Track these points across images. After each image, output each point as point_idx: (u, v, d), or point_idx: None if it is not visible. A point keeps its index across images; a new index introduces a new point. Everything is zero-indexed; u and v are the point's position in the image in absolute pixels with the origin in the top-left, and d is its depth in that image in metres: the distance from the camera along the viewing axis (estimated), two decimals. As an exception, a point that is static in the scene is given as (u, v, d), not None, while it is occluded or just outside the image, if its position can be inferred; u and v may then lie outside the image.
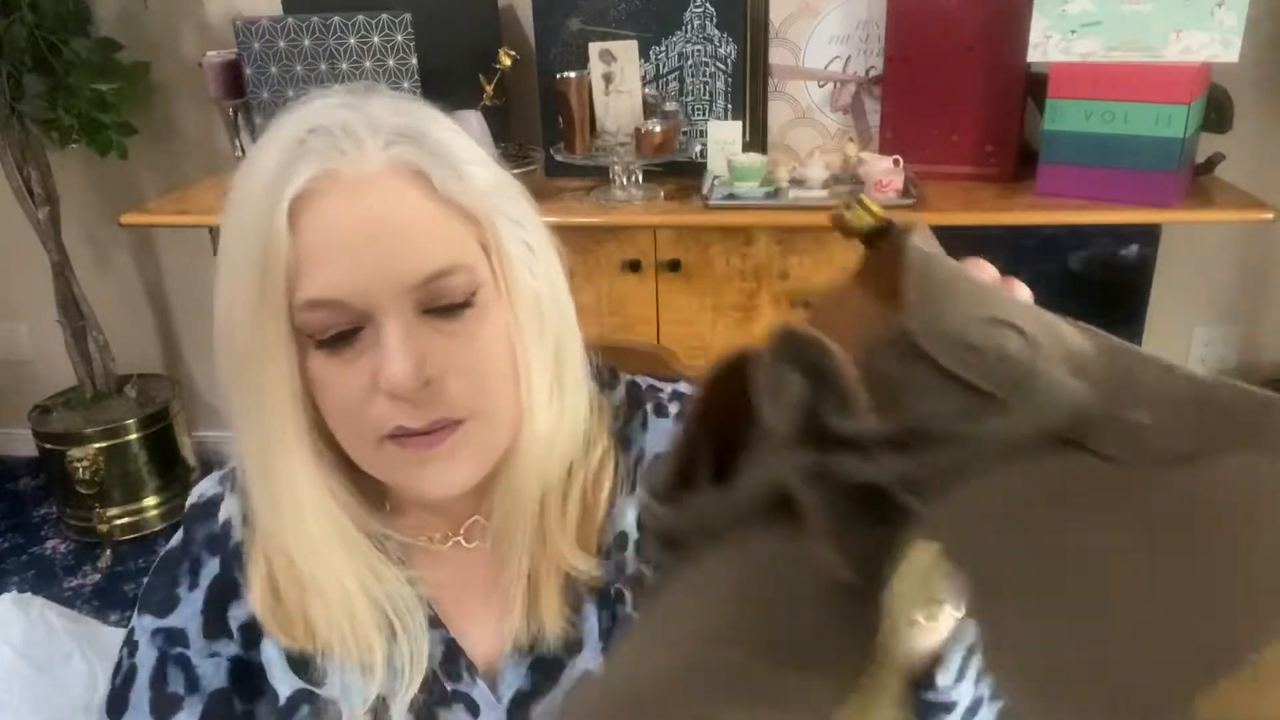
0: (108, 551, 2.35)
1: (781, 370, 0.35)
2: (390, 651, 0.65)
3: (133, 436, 2.38)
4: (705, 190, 1.78)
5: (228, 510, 0.71)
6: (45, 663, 1.71)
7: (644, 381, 0.76)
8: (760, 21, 1.91)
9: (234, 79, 1.83)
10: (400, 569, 0.67)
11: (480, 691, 0.68)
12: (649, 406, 0.73)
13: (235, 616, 0.70)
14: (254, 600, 0.67)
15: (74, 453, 2.31)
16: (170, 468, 2.47)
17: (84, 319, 2.40)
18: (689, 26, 1.89)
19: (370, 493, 0.67)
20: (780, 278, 1.80)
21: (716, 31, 1.88)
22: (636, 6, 1.88)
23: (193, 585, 0.70)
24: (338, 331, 0.58)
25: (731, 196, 1.76)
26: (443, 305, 0.59)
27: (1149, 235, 1.73)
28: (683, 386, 0.75)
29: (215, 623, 0.70)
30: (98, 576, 2.30)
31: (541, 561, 0.67)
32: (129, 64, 2.25)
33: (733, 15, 1.87)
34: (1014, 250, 1.79)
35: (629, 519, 0.70)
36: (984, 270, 0.44)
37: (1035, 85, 1.78)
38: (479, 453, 0.62)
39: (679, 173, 1.89)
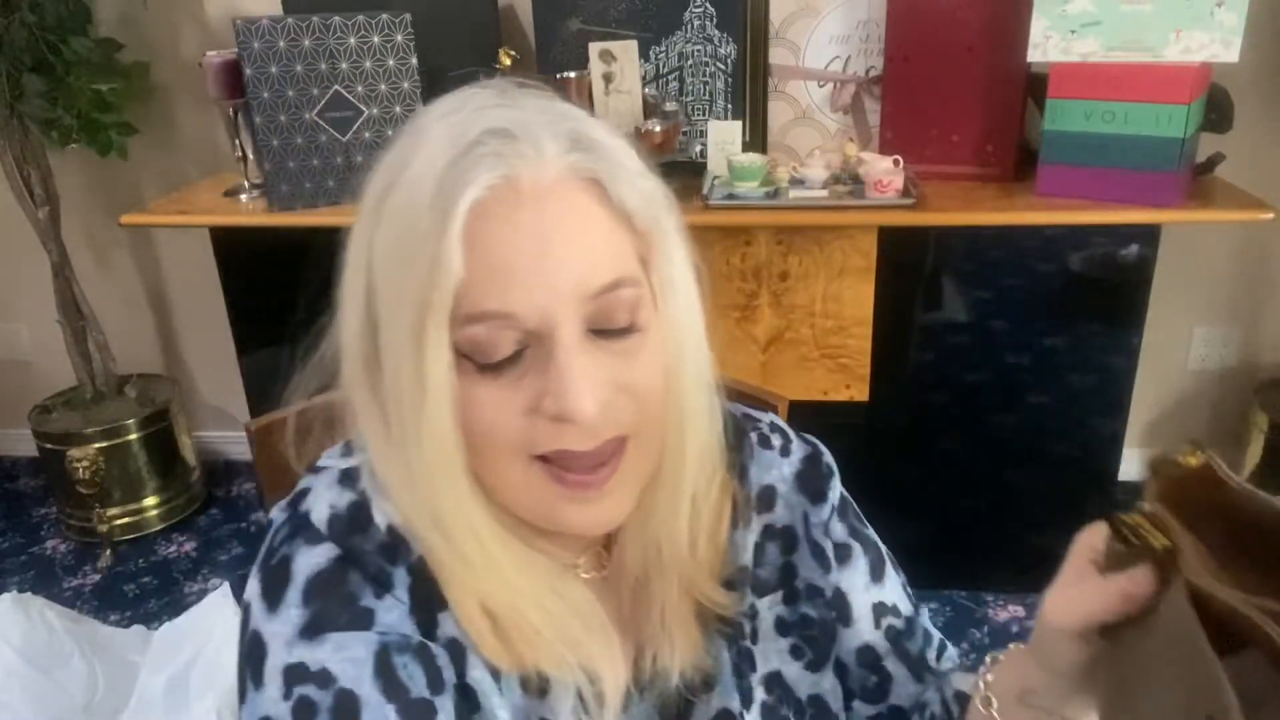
0: (108, 551, 2.35)
1: None
2: (606, 655, 0.63)
3: (133, 436, 2.38)
4: (705, 190, 1.78)
5: (385, 515, 0.61)
6: (45, 663, 1.71)
7: (735, 407, 0.72)
8: (760, 21, 1.91)
9: (234, 79, 1.83)
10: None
11: None
12: (754, 436, 0.72)
13: (443, 630, 0.61)
14: (469, 627, 0.60)
15: (74, 453, 2.31)
16: (170, 468, 2.47)
17: (84, 319, 2.40)
18: (689, 26, 1.89)
19: None
20: (780, 278, 1.80)
21: (716, 31, 1.88)
22: (636, 6, 1.88)
23: (381, 593, 0.59)
24: (503, 355, 0.54)
25: (731, 196, 1.76)
26: (611, 326, 0.55)
27: (1149, 235, 1.73)
28: (776, 419, 0.74)
29: (427, 629, 0.60)
30: (98, 576, 2.30)
31: (673, 594, 0.64)
32: (129, 64, 2.25)
33: (733, 15, 1.87)
34: (1014, 250, 1.79)
35: (749, 553, 0.69)
36: None
37: (1035, 85, 1.78)
38: (633, 483, 0.60)
39: (679, 173, 1.88)
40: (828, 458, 0.73)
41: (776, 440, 0.72)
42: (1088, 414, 1.87)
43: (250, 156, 1.95)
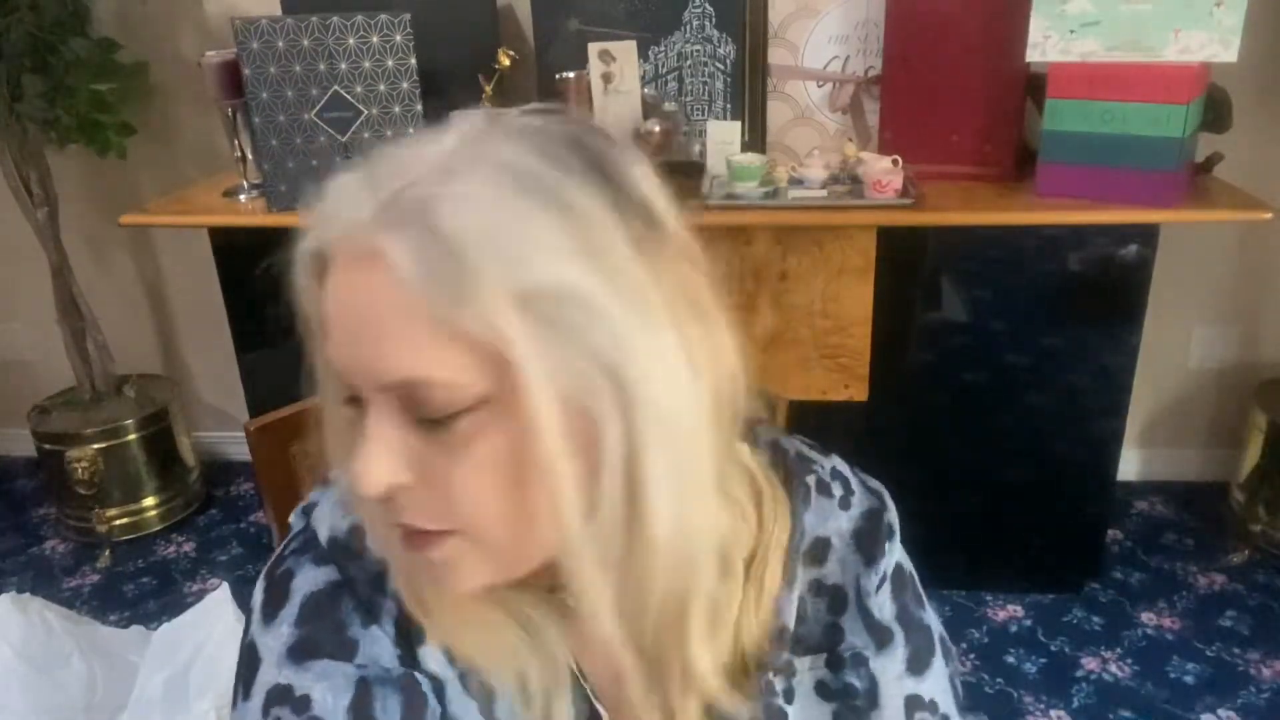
0: (107, 552, 2.35)
1: None
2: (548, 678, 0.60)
3: (131, 437, 2.38)
4: (704, 190, 1.78)
5: (375, 546, 0.60)
6: (44, 663, 1.71)
7: (791, 445, 0.68)
8: (759, 21, 1.91)
9: (233, 79, 1.83)
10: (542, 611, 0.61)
11: None
12: (811, 481, 0.66)
13: (425, 664, 0.60)
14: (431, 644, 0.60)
15: (73, 453, 2.31)
16: (169, 468, 2.46)
17: (83, 319, 2.40)
18: (688, 27, 1.89)
19: None
20: (779, 278, 1.80)
21: (715, 31, 1.88)
22: (636, 6, 1.88)
23: (368, 622, 0.59)
24: (349, 395, 0.53)
25: (731, 196, 1.76)
26: (422, 416, 0.50)
27: (1148, 235, 1.73)
28: (839, 464, 0.69)
29: (410, 660, 0.60)
30: (97, 577, 2.30)
31: (671, 681, 0.60)
32: (128, 64, 2.25)
33: (732, 15, 1.87)
34: (1014, 250, 1.79)
35: (790, 612, 0.64)
36: None
37: (1034, 85, 1.78)
38: (480, 566, 0.54)
39: (678, 173, 1.88)
40: (890, 515, 0.67)
41: (837, 489, 0.67)
42: (1087, 414, 1.88)
43: (249, 157, 1.95)
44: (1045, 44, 1.64)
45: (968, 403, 1.90)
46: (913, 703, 0.66)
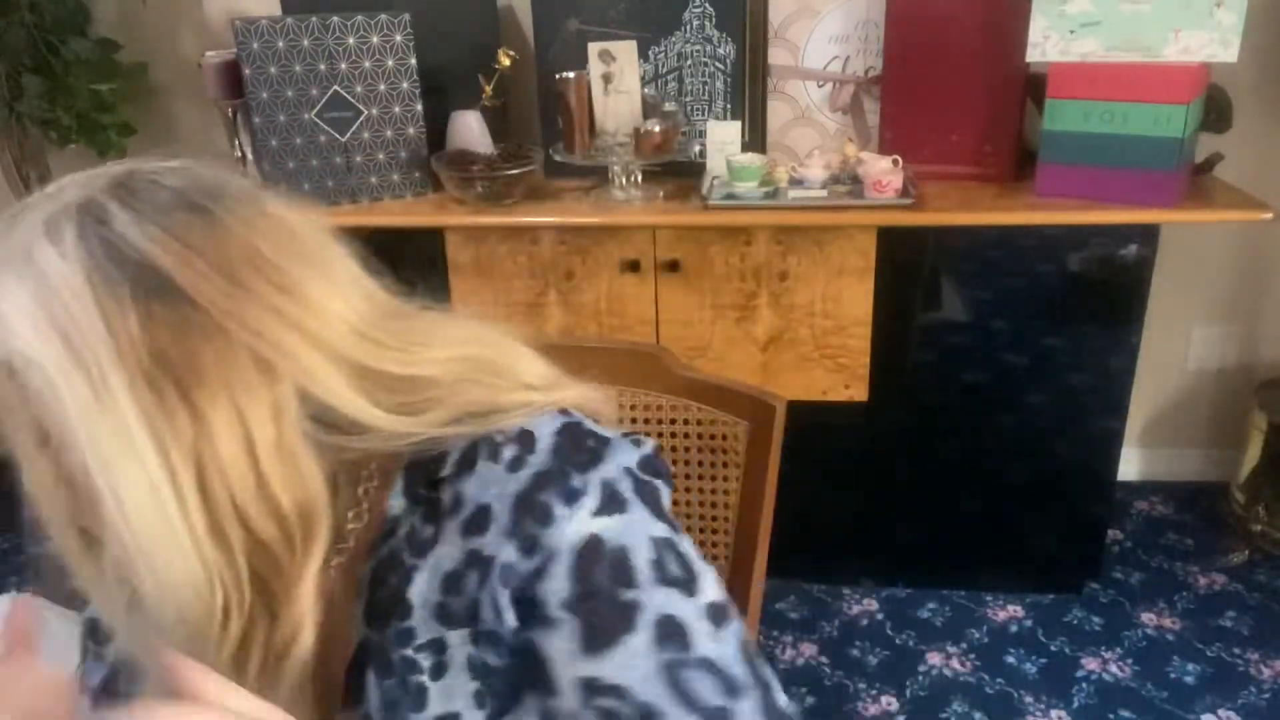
0: (107, 552, 2.35)
1: None
2: None
3: (132, 437, 2.37)
4: (704, 190, 1.78)
5: None
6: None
7: (492, 430, 0.64)
8: (759, 21, 1.91)
9: (233, 79, 1.83)
10: None
11: None
12: (484, 449, 0.63)
13: None
14: None
15: (73, 453, 2.31)
16: (169, 468, 2.46)
17: (83, 319, 2.40)
18: (688, 27, 1.89)
19: None
20: (779, 278, 1.80)
21: (715, 31, 1.88)
22: (636, 6, 1.88)
23: None
24: None
25: (730, 197, 1.76)
26: None
27: (1148, 235, 1.73)
28: (539, 425, 0.64)
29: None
30: (97, 577, 2.30)
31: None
32: (128, 64, 2.25)
33: (732, 15, 1.87)
34: (1013, 250, 1.79)
35: (418, 585, 0.62)
36: None
37: (1034, 85, 1.78)
38: None
39: (678, 173, 1.89)
40: (581, 480, 0.61)
41: (509, 451, 0.62)
42: (1087, 414, 1.88)
43: (249, 157, 1.95)
44: (1045, 44, 1.64)
45: (968, 403, 1.90)
46: (589, 686, 0.57)
